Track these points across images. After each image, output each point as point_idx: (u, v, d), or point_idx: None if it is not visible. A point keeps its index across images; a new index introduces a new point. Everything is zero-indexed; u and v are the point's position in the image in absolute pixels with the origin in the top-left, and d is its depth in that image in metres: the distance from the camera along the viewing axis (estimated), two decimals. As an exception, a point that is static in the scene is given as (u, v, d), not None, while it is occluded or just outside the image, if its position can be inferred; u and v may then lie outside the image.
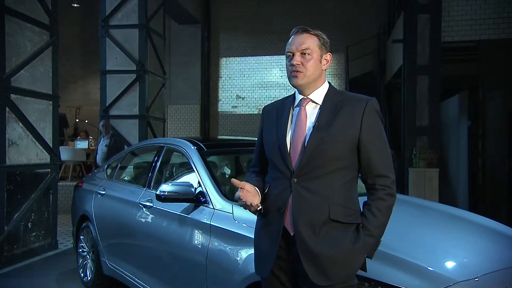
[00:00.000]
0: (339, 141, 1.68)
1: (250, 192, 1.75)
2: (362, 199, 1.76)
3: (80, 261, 4.29)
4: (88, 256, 4.19)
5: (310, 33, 1.76)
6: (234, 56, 12.51)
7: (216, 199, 2.66)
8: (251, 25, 12.24)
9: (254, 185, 1.81)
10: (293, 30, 1.80)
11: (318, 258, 1.63)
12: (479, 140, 7.08)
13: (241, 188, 1.74)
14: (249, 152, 3.62)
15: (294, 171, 1.70)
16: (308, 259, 1.64)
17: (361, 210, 1.75)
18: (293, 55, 1.75)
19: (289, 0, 11.86)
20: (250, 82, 12.43)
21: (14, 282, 4.35)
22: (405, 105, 7.33)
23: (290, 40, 1.79)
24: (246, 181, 1.85)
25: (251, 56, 12.38)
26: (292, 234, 1.69)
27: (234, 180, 1.76)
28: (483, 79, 7.03)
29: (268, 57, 12.17)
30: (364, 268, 1.73)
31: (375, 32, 11.32)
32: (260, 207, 1.79)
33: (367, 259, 1.73)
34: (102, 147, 7.15)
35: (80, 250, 4.31)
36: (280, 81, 12.14)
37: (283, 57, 1.84)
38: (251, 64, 12.40)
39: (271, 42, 11.88)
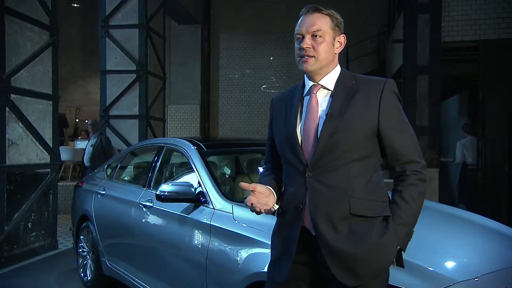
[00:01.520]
0: (355, 129, 1.53)
1: (263, 194, 1.60)
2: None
3: (80, 261, 4.29)
4: (88, 256, 4.19)
5: (322, 13, 1.59)
6: (234, 56, 12.50)
7: (216, 199, 2.66)
8: (251, 25, 12.23)
9: (267, 185, 1.67)
10: (303, 9, 1.62)
11: (344, 257, 1.50)
12: (479, 140, 7.08)
13: (252, 190, 1.58)
14: (249, 152, 3.64)
15: (307, 164, 1.56)
16: (333, 259, 1.50)
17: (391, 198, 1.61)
18: (303, 37, 1.58)
19: (288, 0, 11.87)
20: (250, 82, 12.43)
21: (14, 282, 4.35)
22: (405, 105, 7.32)
23: (299, 20, 1.61)
24: (259, 182, 1.71)
25: (251, 56, 12.38)
26: (314, 234, 1.55)
27: (242, 184, 1.59)
28: (483, 79, 7.02)
29: (268, 57, 12.17)
30: (400, 263, 1.60)
31: (375, 32, 11.32)
32: (277, 207, 1.65)
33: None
34: (88, 147, 7.12)
35: (80, 250, 4.31)
36: (281, 80, 12.13)
37: (283, 56, 1.77)
38: (251, 64, 12.40)
39: (271, 42, 11.88)
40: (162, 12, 9.25)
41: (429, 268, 1.93)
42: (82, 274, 4.23)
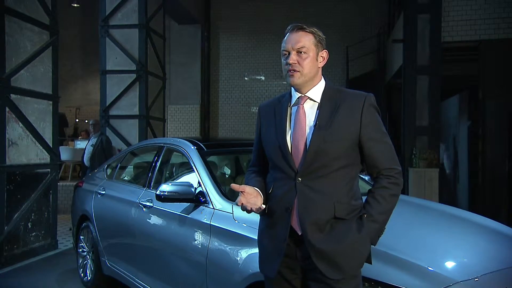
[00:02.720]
0: (340, 140, 1.68)
1: (251, 194, 1.74)
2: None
3: (80, 261, 4.29)
4: (88, 256, 4.19)
5: (306, 31, 1.74)
6: (234, 56, 12.51)
7: (216, 199, 2.66)
8: (251, 25, 12.24)
9: (255, 186, 1.80)
10: (288, 27, 1.77)
11: (328, 254, 1.65)
12: (479, 140, 7.08)
13: (241, 192, 1.73)
14: (249, 152, 3.63)
15: (298, 171, 1.70)
16: (318, 256, 1.65)
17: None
18: (289, 53, 1.73)
19: (289, 0, 11.87)
20: (250, 82, 12.44)
21: (14, 282, 4.35)
22: (405, 105, 7.32)
23: (285, 38, 1.76)
24: (246, 183, 1.84)
25: (251, 56, 12.38)
26: (300, 234, 1.70)
27: (233, 185, 1.74)
28: (483, 79, 7.02)
29: (268, 57, 12.17)
30: (369, 260, 1.73)
31: (375, 32, 11.32)
32: (264, 207, 1.77)
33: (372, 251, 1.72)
34: (88, 147, 7.11)
35: (80, 250, 4.31)
36: (280, 81, 12.14)
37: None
38: (251, 64, 12.40)
39: (271, 42, 11.88)
40: (162, 12, 9.26)
41: (429, 268, 1.94)
42: (82, 274, 4.23)
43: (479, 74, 7.07)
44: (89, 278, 4.11)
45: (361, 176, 1.85)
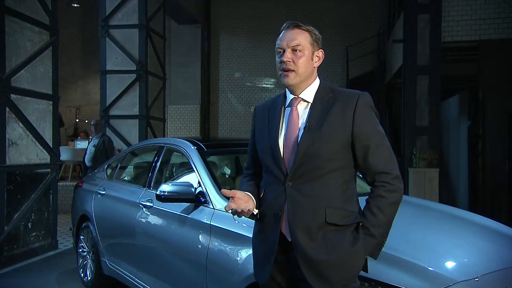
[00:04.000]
0: (331, 141, 1.61)
1: (242, 199, 1.68)
2: (362, 200, 1.74)
3: (80, 261, 4.29)
4: (88, 256, 4.19)
5: (302, 29, 1.67)
6: (234, 56, 12.51)
7: (216, 199, 2.66)
8: (251, 25, 12.24)
9: (247, 191, 1.76)
10: (284, 25, 1.71)
11: (317, 263, 1.58)
12: (479, 140, 7.08)
13: (232, 197, 1.67)
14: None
15: (287, 173, 1.64)
16: (307, 265, 1.59)
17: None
18: (284, 51, 1.67)
19: (289, 0, 11.88)
20: (250, 82, 12.44)
21: (14, 282, 4.35)
22: (405, 105, 7.32)
23: (280, 35, 1.70)
24: (240, 187, 1.80)
25: (251, 56, 12.38)
26: (290, 240, 1.64)
27: (224, 191, 1.70)
28: (483, 79, 7.02)
29: (268, 57, 12.17)
30: (365, 269, 1.68)
31: (375, 32, 11.32)
32: (256, 211, 1.74)
33: (369, 258, 1.68)
34: (90, 147, 7.11)
35: (80, 250, 4.31)
36: (280, 80, 12.13)
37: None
38: (251, 64, 12.40)
39: (271, 42, 11.84)
40: (162, 12, 9.26)
41: (429, 268, 1.94)
42: (82, 274, 4.23)
43: (479, 74, 7.07)
44: (89, 278, 4.11)
45: (360, 175, 1.78)
